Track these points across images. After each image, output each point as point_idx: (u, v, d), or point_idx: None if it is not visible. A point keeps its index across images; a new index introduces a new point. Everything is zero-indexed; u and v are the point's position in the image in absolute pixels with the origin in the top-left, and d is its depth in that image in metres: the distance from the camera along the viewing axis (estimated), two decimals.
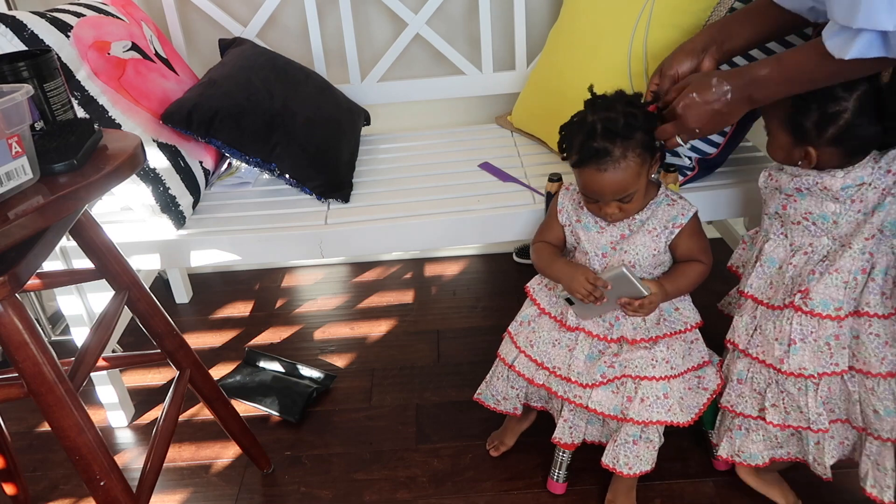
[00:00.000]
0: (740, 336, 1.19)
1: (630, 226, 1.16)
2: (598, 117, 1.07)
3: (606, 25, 1.44)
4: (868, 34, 0.84)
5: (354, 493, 1.38)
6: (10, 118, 0.81)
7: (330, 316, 1.93)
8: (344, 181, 1.49)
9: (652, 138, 1.10)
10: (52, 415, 0.90)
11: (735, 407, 1.21)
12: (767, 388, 1.17)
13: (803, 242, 1.12)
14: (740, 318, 1.20)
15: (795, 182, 1.09)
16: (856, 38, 0.85)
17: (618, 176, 1.07)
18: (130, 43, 1.42)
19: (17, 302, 0.85)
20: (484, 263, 2.12)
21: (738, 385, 1.20)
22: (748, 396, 1.20)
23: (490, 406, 1.36)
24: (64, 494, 1.42)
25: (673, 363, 1.19)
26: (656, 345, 1.18)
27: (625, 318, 1.19)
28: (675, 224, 1.15)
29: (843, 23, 0.85)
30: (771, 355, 1.14)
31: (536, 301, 1.28)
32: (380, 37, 1.82)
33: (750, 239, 1.25)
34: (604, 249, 1.18)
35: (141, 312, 1.15)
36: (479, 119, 1.90)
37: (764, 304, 1.16)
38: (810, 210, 1.09)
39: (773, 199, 1.14)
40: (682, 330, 1.20)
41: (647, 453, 1.21)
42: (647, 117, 1.09)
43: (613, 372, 1.19)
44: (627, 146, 1.06)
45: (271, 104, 1.46)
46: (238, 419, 1.34)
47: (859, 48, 0.86)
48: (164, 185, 1.34)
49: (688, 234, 1.16)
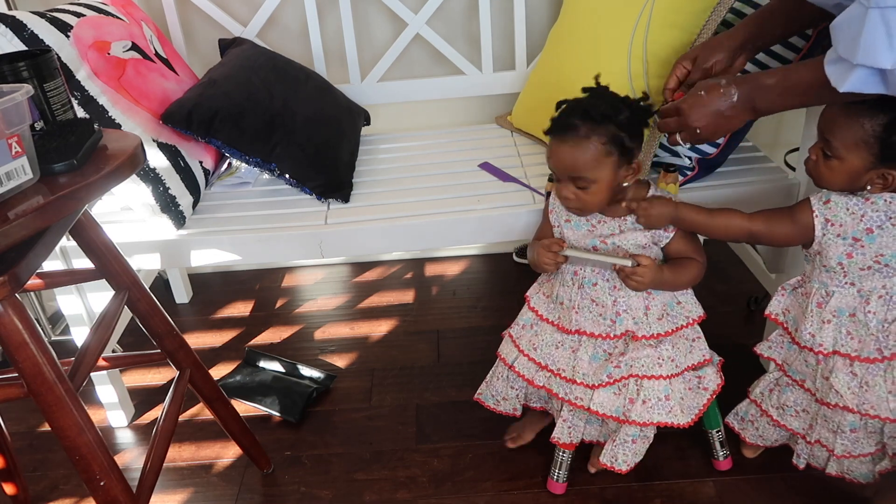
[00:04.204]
0: (846, 397, 1.10)
1: (621, 226, 1.16)
2: (586, 99, 1.10)
3: (606, 25, 1.44)
4: (865, 71, 0.84)
5: (354, 493, 1.38)
6: (10, 118, 0.81)
7: (330, 316, 1.93)
8: (344, 181, 1.49)
9: (630, 140, 1.08)
10: (52, 415, 0.90)
11: (853, 451, 1.17)
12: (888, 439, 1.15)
13: (875, 286, 1.05)
14: (836, 378, 1.10)
15: (865, 222, 1.00)
16: (853, 71, 0.84)
17: (575, 153, 1.07)
18: (130, 43, 1.42)
19: (17, 302, 0.85)
20: (484, 263, 2.12)
21: (852, 434, 1.15)
22: (863, 441, 1.16)
23: (490, 406, 1.37)
24: (64, 494, 1.42)
25: (678, 361, 1.19)
26: (661, 343, 1.18)
27: (625, 313, 1.18)
28: (666, 228, 1.15)
29: (844, 55, 0.85)
30: (886, 409, 1.09)
31: (535, 309, 1.28)
32: (380, 37, 1.82)
33: (791, 287, 1.18)
34: (590, 245, 1.18)
35: (141, 312, 1.15)
36: (479, 119, 1.90)
37: (863, 359, 1.08)
38: (882, 251, 1.01)
39: (833, 248, 1.04)
40: (686, 324, 1.20)
41: (643, 448, 1.23)
42: (633, 118, 1.08)
43: (620, 372, 1.19)
44: (596, 130, 1.06)
45: (271, 104, 1.46)
46: (238, 419, 1.34)
47: (854, 82, 0.85)
48: (164, 185, 1.34)
49: (679, 237, 1.16)
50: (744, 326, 1.76)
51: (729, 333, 1.72)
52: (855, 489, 1.26)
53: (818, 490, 1.30)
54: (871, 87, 0.85)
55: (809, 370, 1.17)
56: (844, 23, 0.85)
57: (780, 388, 1.24)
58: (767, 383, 1.26)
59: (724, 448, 1.35)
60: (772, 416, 1.25)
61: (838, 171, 1.01)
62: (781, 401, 1.23)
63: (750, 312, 1.80)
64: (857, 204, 1.01)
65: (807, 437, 1.22)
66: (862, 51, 0.81)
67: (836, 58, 0.87)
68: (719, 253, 2.00)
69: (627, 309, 1.18)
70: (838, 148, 0.99)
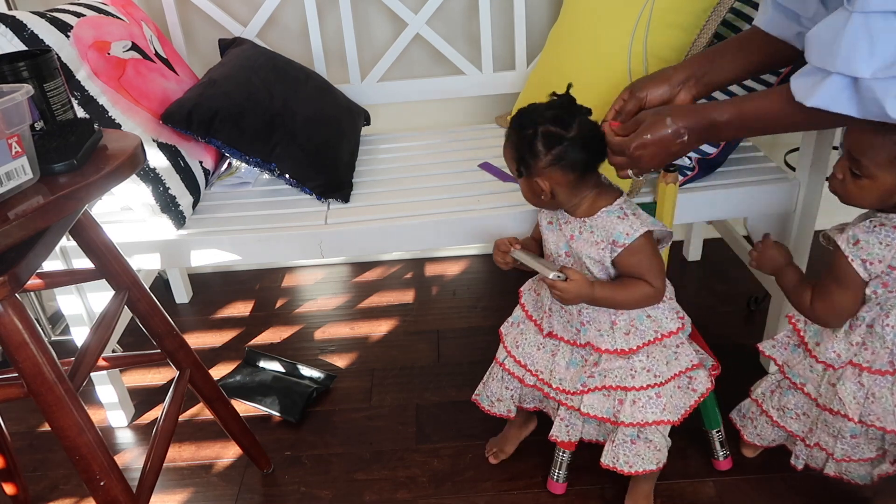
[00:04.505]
0: (850, 407, 1.09)
1: (580, 228, 1.12)
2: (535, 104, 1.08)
3: (606, 25, 1.44)
4: (838, 81, 0.78)
5: (354, 493, 1.38)
6: (10, 118, 0.81)
7: (330, 316, 1.93)
8: (344, 181, 1.49)
9: (529, 155, 1.05)
10: (52, 415, 0.90)
11: (852, 456, 1.17)
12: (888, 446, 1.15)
13: None
14: (843, 386, 1.09)
15: None
16: (823, 83, 0.79)
17: (504, 148, 1.11)
18: (130, 43, 1.42)
19: (17, 302, 0.85)
20: (484, 263, 2.12)
21: (852, 440, 1.15)
22: (864, 446, 1.16)
23: (485, 408, 1.35)
24: (64, 494, 1.42)
25: (656, 371, 1.15)
26: (635, 355, 1.15)
27: (589, 324, 1.16)
28: (616, 242, 1.08)
29: (819, 64, 0.80)
30: (892, 422, 1.07)
31: (523, 305, 1.28)
32: (380, 37, 1.82)
33: None
34: (564, 248, 1.16)
35: (141, 312, 1.15)
36: (479, 119, 1.90)
37: (873, 371, 1.07)
38: None
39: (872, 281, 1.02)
40: (654, 339, 1.16)
41: (649, 452, 1.19)
42: (537, 138, 1.04)
43: (594, 382, 1.17)
44: (512, 134, 1.07)
45: (271, 104, 1.46)
46: (238, 419, 1.34)
47: (824, 96, 0.80)
48: (164, 185, 1.34)
49: (629, 253, 1.09)
50: (744, 326, 1.76)
51: (729, 333, 1.72)
52: (855, 490, 1.26)
53: (818, 490, 1.30)
54: (841, 103, 0.79)
55: (813, 375, 1.16)
56: (823, 30, 0.80)
57: (782, 391, 1.23)
58: (769, 384, 1.26)
59: (724, 448, 1.35)
60: (772, 417, 1.25)
61: (869, 189, 0.98)
62: (782, 402, 1.23)
63: (750, 312, 1.80)
64: (889, 234, 0.99)
65: (806, 439, 1.21)
66: (841, 58, 0.76)
67: (807, 70, 0.82)
68: (719, 253, 2.01)
69: (591, 321, 1.15)
70: (869, 167, 0.96)
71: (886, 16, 0.73)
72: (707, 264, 2.02)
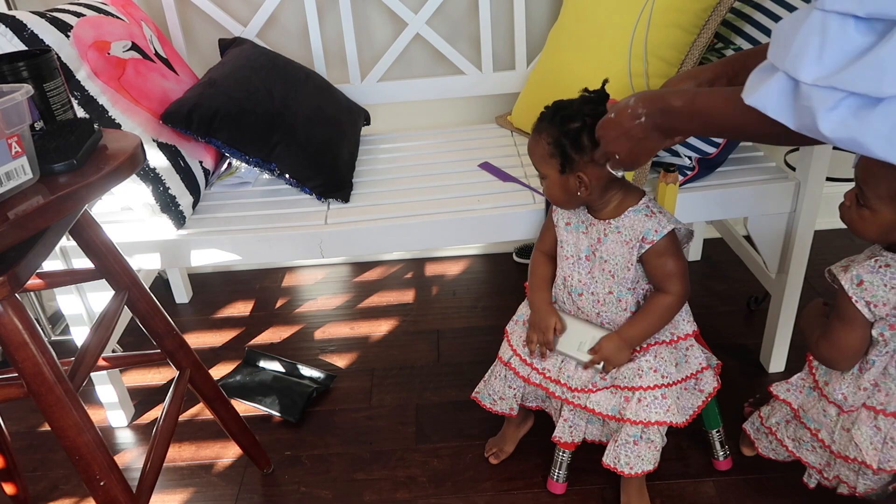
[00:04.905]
0: (868, 453, 1.06)
1: (606, 230, 1.15)
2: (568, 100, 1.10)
3: (607, 25, 1.44)
4: (781, 83, 0.71)
5: (354, 493, 1.38)
6: (10, 118, 0.81)
7: (330, 316, 1.93)
8: (344, 181, 1.49)
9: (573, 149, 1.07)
10: (52, 415, 0.90)
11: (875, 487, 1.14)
12: None
13: None
14: (859, 431, 1.07)
15: None
16: (767, 82, 0.72)
17: (532, 144, 1.13)
18: (130, 43, 1.42)
19: (17, 302, 0.85)
20: (484, 263, 2.12)
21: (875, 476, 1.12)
22: (888, 476, 1.12)
23: (486, 406, 1.36)
24: (64, 494, 1.42)
25: (663, 371, 1.17)
26: (642, 355, 1.17)
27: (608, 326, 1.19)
28: (645, 239, 1.11)
29: (773, 59, 0.72)
30: None
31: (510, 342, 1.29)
32: (380, 37, 1.82)
33: None
34: (586, 252, 1.17)
35: (141, 312, 1.15)
36: (479, 119, 1.90)
37: (888, 413, 1.04)
38: None
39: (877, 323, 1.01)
40: (669, 341, 1.18)
41: (649, 453, 1.20)
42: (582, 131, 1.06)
43: (603, 382, 1.19)
44: (548, 129, 1.09)
45: (271, 104, 1.46)
46: (238, 419, 1.34)
47: (762, 96, 0.72)
48: (164, 185, 1.34)
49: (656, 253, 1.12)
50: (744, 326, 1.76)
51: (729, 333, 1.72)
52: None
53: (818, 490, 1.29)
54: (777, 108, 0.71)
55: (827, 420, 1.12)
56: (787, 23, 0.72)
57: (797, 423, 1.19)
58: (783, 415, 1.22)
59: (724, 448, 1.35)
60: (787, 447, 1.21)
61: (870, 222, 0.96)
62: (798, 435, 1.19)
63: (750, 312, 1.80)
64: (894, 276, 0.97)
65: (823, 472, 1.17)
66: (791, 55, 0.69)
67: (763, 65, 0.74)
68: (719, 253, 2.01)
69: (611, 324, 1.19)
70: (871, 199, 0.94)
71: (844, 18, 0.66)
72: (707, 264, 2.02)
